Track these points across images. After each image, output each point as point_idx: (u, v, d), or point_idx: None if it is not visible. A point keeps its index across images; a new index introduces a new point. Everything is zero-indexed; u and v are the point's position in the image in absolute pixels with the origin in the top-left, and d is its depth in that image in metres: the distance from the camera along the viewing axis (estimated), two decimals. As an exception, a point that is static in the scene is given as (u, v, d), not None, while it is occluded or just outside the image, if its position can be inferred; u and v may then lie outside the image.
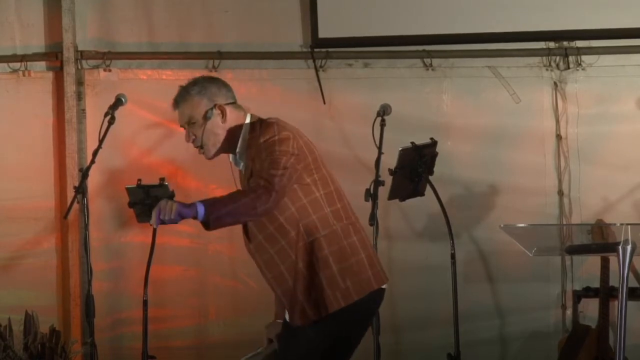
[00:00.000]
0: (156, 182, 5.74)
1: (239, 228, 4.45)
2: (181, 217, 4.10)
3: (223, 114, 4.31)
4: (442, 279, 5.93)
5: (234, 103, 4.38)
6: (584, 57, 6.27)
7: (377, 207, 5.22)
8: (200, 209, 4.09)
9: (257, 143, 4.22)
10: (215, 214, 4.09)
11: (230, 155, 4.41)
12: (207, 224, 4.13)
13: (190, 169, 6.29)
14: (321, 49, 6.29)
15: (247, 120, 4.34)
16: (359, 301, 4.21)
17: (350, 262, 4.23)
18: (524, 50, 6.30)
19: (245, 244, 4.39)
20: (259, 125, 4.30)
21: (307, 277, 4.19)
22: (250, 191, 4.15)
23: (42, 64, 6.31)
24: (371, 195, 5.23)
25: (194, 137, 4.34)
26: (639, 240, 3.67)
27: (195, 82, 4.38)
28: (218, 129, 4.30)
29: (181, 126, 4.40)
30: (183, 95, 4.36)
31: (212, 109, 4.31)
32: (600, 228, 4.55)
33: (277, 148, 4.16)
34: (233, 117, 4.33)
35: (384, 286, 4.33)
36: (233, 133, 4.33)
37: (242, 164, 4.38)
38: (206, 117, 4.30)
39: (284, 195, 4.15)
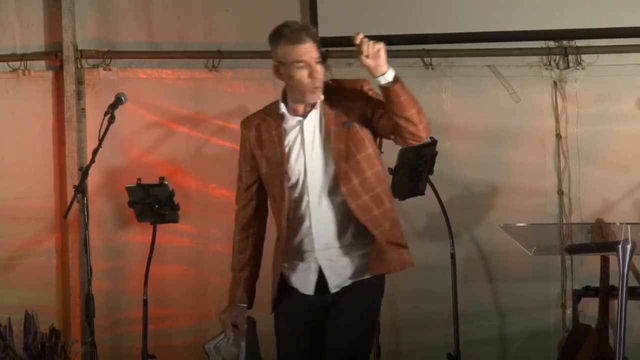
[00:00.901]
0: (156, 181, 5.75)
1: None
2: (378, 62, 4.06)
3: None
4: (442, 279, 5.93)
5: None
6: (583, 57, 6.28)
7: (377, 207, 5.21)
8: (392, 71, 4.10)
9: (353, 92, 4.27)
10: (403, 83, 4.11)
11: (282, 106, 4.33)
12: (387, 88, 4.09)
13: (190, 168, 6.30)
14: (321, 48, 6.27)
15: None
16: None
17: None
18: (524, 50, 6.30)
19: (319, 197, 4.28)
20: (341, 80, 4.37)
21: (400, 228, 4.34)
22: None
23: (42, 64, 6.32)
24: (371, 195, 5.22)
25: (318, 75, 4.24)
26: (639, 239, 3.67)
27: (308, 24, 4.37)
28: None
29: (306, 61, 4.22)
30: (311, 31, 4.27)
31: (325, 53, 4.31)
32: (600, 227, 4.55)
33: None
34: None
35: None
36: None
37: (307, 112, 4.28)
38: (325, 60, 4.28)
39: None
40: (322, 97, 4.26)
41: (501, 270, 6.28)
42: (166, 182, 5.73)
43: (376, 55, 4.06)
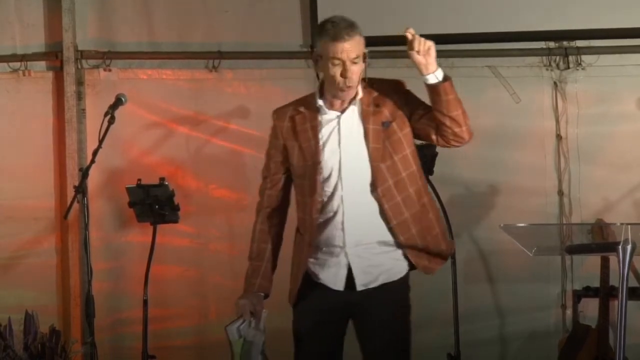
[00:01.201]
0: (156, 181, 5.74)
1: (238, 227, 4.47)
2: (428, 60, 4.19)
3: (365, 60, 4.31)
4: (442, 279, 5.92)
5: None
6: (584, 57, 6.27)
7: (377, 207, 5.22)
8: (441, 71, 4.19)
9: (391, 87, 4.34)
10: (451, 83, 4.18)
11: (319, 101, 4.34)
12: (436, 86, 4.18)
13: (190, 169, 6.30)
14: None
15: None
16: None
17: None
18: (524, 50, 6.30)
19: (353, 192, 4.30)
20: (378, 80, 4.40)
21: (437, 226, 4.39)
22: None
23: (42, 64, 6.32)
24: (371, 195, 5.22)
25: (350, 75, 4.25)
26: (639, 239, 3.67)
27: (354, 22, 4.35)
28: (362, 73, 4.28)
29: (341, 59, 4.24)
30: (355, 30, 4.29)
31: (366, 53, 4.30)
32: (600, 228, 4.55)
33: None
34: None
35: None
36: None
37: (345, 108, 4.31)
38: (365, 59, 4.28)
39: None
40: (359, 95, 4.29)
41: (501, 270, 6.28)
42: (166, 183, 5.73)
43: (427, 53, 4.11)
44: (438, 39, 6.25)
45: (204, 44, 6.34)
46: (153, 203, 5.73)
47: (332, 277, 4.33)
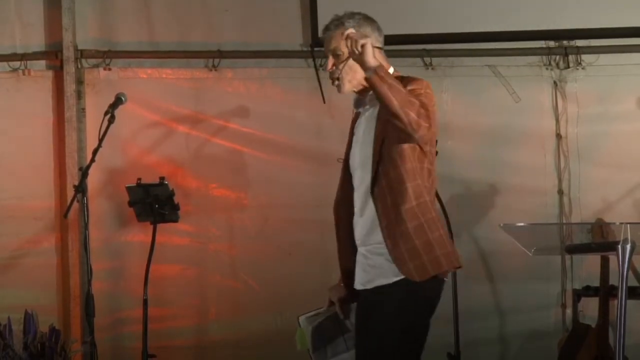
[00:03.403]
0: (156, 181, 5.74)
1: (238, 227, 4.47)
2: (363, 50, 4.04)
3: None
4: (442, 279, 5.92)
5: (382, 49, 4.31)
6: (583, 56, 6.28)
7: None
8: (374, 64, 4.05)
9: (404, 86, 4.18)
10: (385, 74, 4.04)
11: (355, 96, 4.34)
12: (370, 78, 4.05)
13: (190, 168, 6.30)
14: (321, 48, 6.25)
15: (391, 71, 4.26)
16: (443, 273, 4.22)
17: (446, 231, 4.27)
18: (524, 50, 6.31)
19: (363, 191, 4.27)
20: (405, 78, 4.27)
21: (421, 235, 4.16)
22: (416, 101, 4.10)
23: (42, 63, 6.31)
24: (371, 195, 5.21)
25: (333, 68, 4.28)
26: (639, 239, 3.67)
27: (352, 16, 4.31)
28: (359, 67, 4.19)
29: (325, 53, 4.33)
30: (337, 25, 4.29)
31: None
32: (600, 227, 4.55)
33: (426, 100, 4.14)
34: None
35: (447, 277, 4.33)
36: None
37: (367, 107, 4.31)
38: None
39: (428, 140, 4.16)
40: (344, 89, 4.28)
41: (501, 270, 6.28)
42: (166, 182, 5.73)
43: (362, 52, 4.07)
44: (438, 38, 6.33)
45: (204, 43, 6.34)
46: (153, 202, 5.73)
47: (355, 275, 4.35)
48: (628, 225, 3.68)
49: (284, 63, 6.33)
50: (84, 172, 5.44)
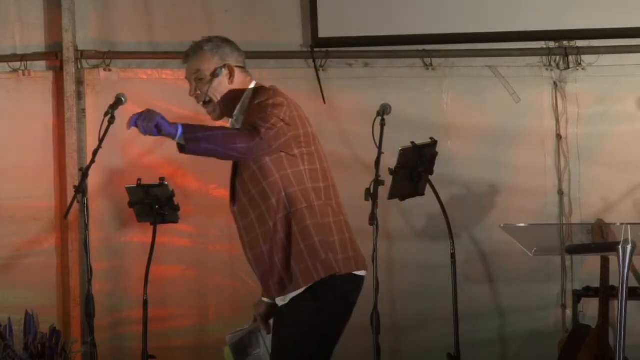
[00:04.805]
0: (156, 181, 5.74)
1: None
2: (158, 129, 4.07)
3: (231, 74, 4.31)
4: (442, 279, 5.93)
5: (243, 67, 4.38)
6: (584, 57, 6.28)
7: (377, 207, 5.22)
8: (180, 129, 4.06)
9: (251, 105, 4.24)
10: (193, 134, 4.05)
11: (230, 120, 4.39)
12: (183, 147, 4.10)
13: (190, 169, 6.29)
14: (321, 48, 6.29)
15: (252, 86, 4.35)
16: (340, 278, 4.16)
17: (332, 239, 4.19)
18: (524, 50, 6.31)
19: (230, 207, 4.39)
20: (257, 90, 4.32)
21: (287, 247, 4.16)
22: (235, 129, 4.21)
23: (42, 64, 6.32)
24: (371, 195, 5.21)
25: (198, 92, 4.33)
26: (639, 239, 3.67)
27: (209, 40, 4.36)
28: (223, 88, 4.30)
29: (187, 79, 4.38)
30: (196, 50, 4.34)
31: (221, 67, 4.30)
32: (600, 228, 4.54)
33: (269, 110, 4.15)
34: (239, 80, 4.33)
35: (363, 273, 4.26)
36: (235, 95, 4.32)
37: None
38: (214, 75, 4.29)
39: (268, 148, 4.13)
40: (216, 114, 4.35)
41: (501, 270, 6.28)
42: (166, 183, 5.73)
43: (158, 130, 4.09)
44: (438, 38, 6.33)
45: (204, 43, 6.33)
46: (153, 203, 5.73)
47: None
48: (628, 225, 3.68)
49: (284, 64, 6.33)
50: (84, 173, 5.43)
